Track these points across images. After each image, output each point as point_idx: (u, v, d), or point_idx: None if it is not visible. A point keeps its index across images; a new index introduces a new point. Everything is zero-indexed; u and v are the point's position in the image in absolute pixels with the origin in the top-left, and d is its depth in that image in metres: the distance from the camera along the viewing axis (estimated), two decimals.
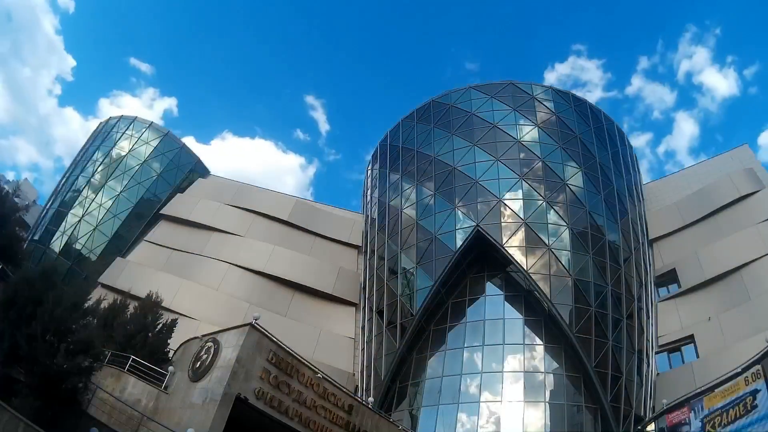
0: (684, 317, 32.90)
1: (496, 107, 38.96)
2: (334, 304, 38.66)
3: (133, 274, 36.81)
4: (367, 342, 35.77)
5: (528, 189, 34.78)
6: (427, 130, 40.70)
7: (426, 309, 33.20)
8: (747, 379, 17.50)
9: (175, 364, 19.12)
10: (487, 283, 34.85)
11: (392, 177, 41.27)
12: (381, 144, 45.27)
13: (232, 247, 39.76)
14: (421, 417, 30.97)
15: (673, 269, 35.61)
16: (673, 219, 38.25)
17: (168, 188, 45.41)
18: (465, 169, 36.50)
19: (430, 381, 32.09)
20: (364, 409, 20.67)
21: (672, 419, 20.77)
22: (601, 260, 32.87)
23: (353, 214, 46.03)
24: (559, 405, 29.37)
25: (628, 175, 39.38)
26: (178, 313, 30.86)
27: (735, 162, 39.53)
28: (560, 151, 36.64)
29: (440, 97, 41.79)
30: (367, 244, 41.37)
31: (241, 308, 34.54)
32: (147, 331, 21.50)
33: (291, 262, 39.20)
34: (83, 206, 43.51)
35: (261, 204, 43.57)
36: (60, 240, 42.32)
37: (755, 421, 16.53)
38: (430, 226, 35.41)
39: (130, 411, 16.93)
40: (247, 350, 16.91)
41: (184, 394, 17.15)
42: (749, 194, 35.64)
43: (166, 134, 47.91)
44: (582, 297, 31.19)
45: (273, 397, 17.20)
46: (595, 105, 40.91)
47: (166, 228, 42.62)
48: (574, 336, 29.67)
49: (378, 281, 37.46)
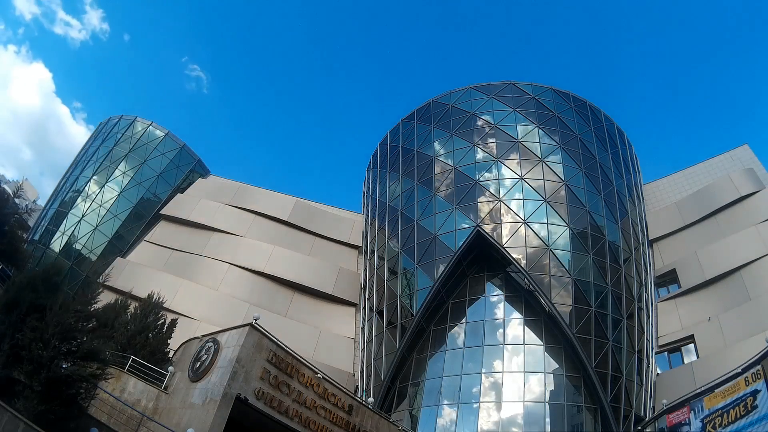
0: (684, 317, 32.91)
1: (497, 107, 38.98)
2: (334, 304, 38.67)
3: (133, 274, 36.79)
4: (367, 342, 35.76)
5: (528, 189, 34.76)
6: (427, 130, 40.71)
7: (426, 309, 33.20)
8: (747, 379, 17.46)
9: (175, 364, 19.17)
10: (487, 284, 34.84)
11: (392, 177, 41.27)
12: (381, 144, 45.28)
13: (232, 248, 39.78)
14: (421, 417, 30.94)
15: (673, 269, 35.64)
16: (673, 219, 38.27)
17: (168, 188, 45.44)
18: (465, 170, 36.54)
19: (430, 381, 32.07)
20: (364, 409, 20.68)
21: (672, 419, 20.73)
22: (601, 260, 32.87)
23: (353, 214, 46.00)
24: (559, 405, 29.34)
25: (628, 175, 39.36)
26: (178, 313, 31.01)
27: (735, 162, 39.58)
28: (560, 152, 36.64)
29: (440, 97, 41.79)
30: (367, 244, 41.38)
31: (241, 308, 34.62)
32: (147, 332, 21.54)
33: (291, 262, 39.22)
34: (83, 206, 43.51)
35: (261, 204, 43.59)
36: (60, 240, 42.30)
37: (755, 422, 16.49)
38: (430, 226, 35.41)
39: (130, 411, 16.96)
40: (247, 350, 16.92)
41: (184, 394, 17.17)
42: (749, 194, 35.66)
43: (167, 134, 47.88)
44: (582, 297, 31.18)
45: (273, 398, 17.22)
46: (595, 105, 40.87)
47: (166, 228, 42.65)
48: (574, 336, 29.65)
49: (378, 281, 37.45)
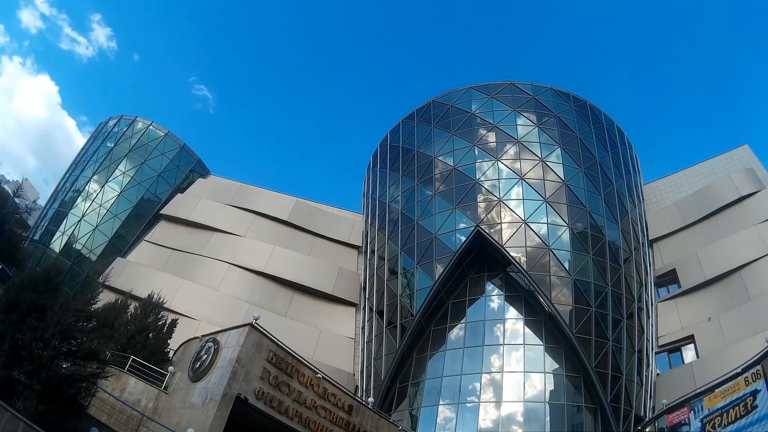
0: (684, 317, 32.91)
1: (497, 107, 38.98)
2: (334, 304, 38.66)
3: (133, 274, 36.77)
4: (367, 342, 35.76)
5: (528, 189, 34.76)
6: (427, 130, 40.71)
7: (426, 309, 33.19)
8: (747, 379, 17.45)
9: (175, 364, 19.16)
10: (487, 284, 34.86)
11: (392, 177, 41.27)
12: (381, 144, 45.28)
13: (232, 247, 39.78)
14: (421, 417, 30.94)
15: (673, 269, 35.64)
16: (673, 219, 38.26)
17: (168, 188, 45.43)
18: (465, 170, 36.54)
19: (430, 381, 32.07)
20: (364, 409, 20.67)
21: (672, 419, 20.72)
22: (601, 260, 32.86)
23: (353, 214, 45.99)
24: (559, 405, 29.34)
25: (628, 175, 39.36)
26: (178, 313, 31.01)
27: (735, 162, 39.57)
28: (560, 152, 36.64)
29: (440, 97, 41.79)
30: (367, 244, 41.38)
31: (241, 308, 34.62)
32: (147, 332, 21.52)
33: (291, 262, 39.21)
34: (83, 206, 43.51)
35: (261, 204, 43.58)
36: (60, 240, 42.31)
37: (755, 422, 16.48)
38: (430, 226, 35.41)
39: (130, 411, 16.96)
40: (247, 350, 16.91)
41: (184, 394, 17.16)
42: (749, 194, 35.65)
43: (167, 134, 47.86)
44: (582, 297, 31.17)
45: (273, 397, 17.21)
46: (595, 105, 40.86)
47: (166, 228, 42.63)
48: (574, 336, 29.65)
49: (378, 281, 37.45)
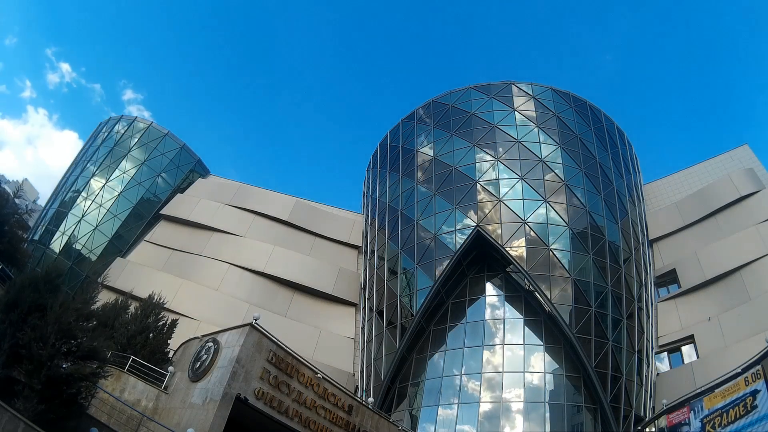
0: (684, 317, 32.91)
1: (496, 107, 38.97)
2: (334, 305, 38.66)
3: (133, 274, 36.79)
4: (367, 342, 35.76)
5: (528, 189, 34.75)
6: (427, 130, 40.73)
7: (426, 309, 33.20)
8: (747, 379, 17.46)
9: (175, 364, 19.16)
10: (487, 284, 34.86)
11: (392, 177, 41.27)
12: (381, 144, 45.29)
13: (232, 248, 39.77)
14: (421, 417, 30.95)
15: (673, 269, 35.64)
16: (673, 219, 38.26)
17: (168, 188, 45.46)
18: (465, 170, 36.53)
19: (430, 381, 32.08)
20: (364, 409, 20.68)
21: (672, 419, 20.73)
22: (601, 260, 32.86)
23: (353, 214, 46.00)
24: (559, 405, 29.34)
25: (628, 175, 39.36)
26: (178, 313, 31.04)
27: (735, 162, 39.57)
28: (560, 152, 36.63)
29: (440, 97, 41.78)
30: (367, 244, 41.38)
31: (241, 308, 34.63)
32: (147, 332, 21.52)
33: (291, 263, 39.21)
34: (83, 206, 43.51)
35: (261, 204, 43.58)
36: (60, 240, 42.31)
37: (755, 422, 16.49)
38: (430, 226, 35.41)
39: (130, 411, 16.96)
40: (247, 350, 16.92)
41: (184, 394, 17.17)
42: (749, 194, 35.65)
43: (167, 134, 47.88)
44: (582, 297, 31.18)
45: (273, 398, 17.21)
46: (595, 105, 40.85)
47: (166, 228, 42.63)
48: (574, 336, 29.65)
49: (378, 281, 37.45)
